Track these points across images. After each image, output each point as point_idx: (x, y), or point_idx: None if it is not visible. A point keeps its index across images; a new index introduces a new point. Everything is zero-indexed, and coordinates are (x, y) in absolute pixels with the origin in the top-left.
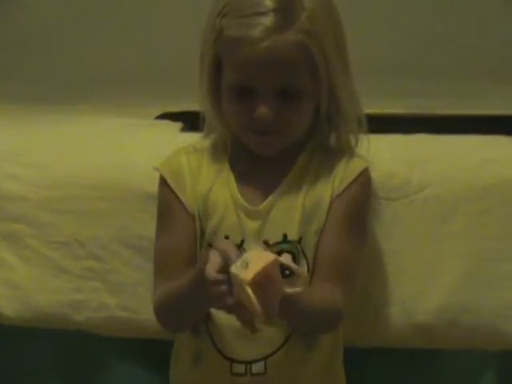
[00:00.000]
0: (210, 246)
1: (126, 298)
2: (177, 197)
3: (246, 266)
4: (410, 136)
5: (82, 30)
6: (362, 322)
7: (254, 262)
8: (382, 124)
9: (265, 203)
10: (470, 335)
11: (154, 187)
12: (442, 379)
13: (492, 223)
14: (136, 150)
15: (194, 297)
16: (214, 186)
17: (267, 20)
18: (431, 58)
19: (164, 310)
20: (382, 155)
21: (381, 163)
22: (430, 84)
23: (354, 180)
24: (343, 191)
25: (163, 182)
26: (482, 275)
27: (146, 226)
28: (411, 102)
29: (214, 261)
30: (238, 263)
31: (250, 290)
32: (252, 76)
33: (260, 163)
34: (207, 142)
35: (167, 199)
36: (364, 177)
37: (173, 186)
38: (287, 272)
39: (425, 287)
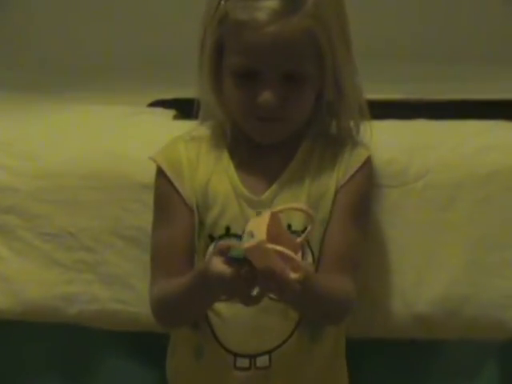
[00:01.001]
0: (211, 237)
1: (119, 290)
2: (175, 189)
3: (251, 235)
4: (408, 122)
5: (74, 18)
6: (360, 312)
7: (256, 227)
8: (380, 110)
9: (267, 192)
10: (471, 325)
11: (147, 176)
12: (442, 370)
13: (493, 211)
14: (128, 138)
15: (196, 296)
16: (213, 176)
17: (274, 3)
18: (430, 42)
19: (162, 308)
20: (381, 142)
21: (379, 150)
22: (429, 68)
23: (359, 169)
24: (348, 181)
25: (160, 172)
26: (484, 264)
27: (139, 216)
28: (410, 87)
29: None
30: (244, 239)
31: (274, 246)
32: (257, 60)
33: (261, 151)
34: (204, 129)
35: (165, 191)
36: (367, 165)
37: (171, 177)
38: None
39: (425, 276)
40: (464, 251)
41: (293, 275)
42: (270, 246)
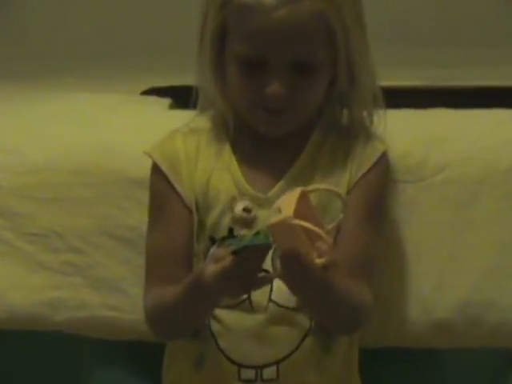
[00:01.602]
0: (212, 239)
1: (110, 295)
2: (172, 187)
3: (278, 210)
4: (425, 111)
5: (62, 1)
6: (374, 319)
7: (285, 204)
8: (395, 98)
9: (274, 189)
10: (494, 333)
11: (140, 171)
12: (461, 380)
13: None
14: (120, 129)
15: (193, 304)
16: (214, 172)
17: None
18: (449, 24)
19: (158, 317)
20: (395, 133)
21: (394, 142)
22: (449, 52)
23: (373, 165)
24: (361, 178)
25: (156, 169)
26: (508, 267)
27: (132, 214)
28: (427, 73)
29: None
30: (272, 210)
31: (302, 222)
32: (264, 48)
33: (266, 144)
34: (204, 121)
35: (161, 190)
36: (382, 161)
37: (168, 173)
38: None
39: (445, 280)
40: (487, 252)
41: (318, 260)
42: (297, 221)
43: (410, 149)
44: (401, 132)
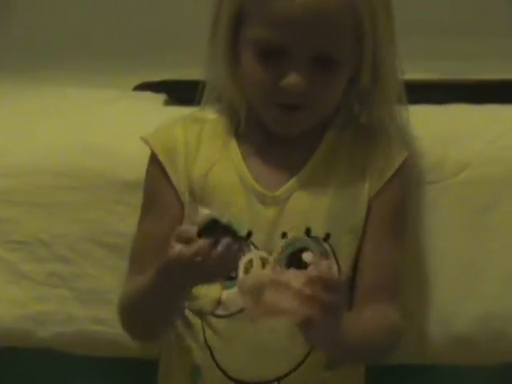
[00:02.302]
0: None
1: (100, 308)
2: (167, 177)
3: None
4: (442, 107)
5: None
6: None
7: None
8: (412, 92)
9: (284, 188)
10: None
11: (132, 174)
12: None
13: None
14: (111, 128)
15: (160, 292)
16: (217, 164)
17: None
18: (467, 11)
19: (126, 310)
20: (412, 130)
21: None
22: (468, 42)
23: (396, 173)
24: (383, 188)
25: (153, 157)
26: None
27: (124, 220)
28: (443, 65)
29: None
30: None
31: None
32: (286, 35)
33: (276, 141)
34: (209, 112)
35: (155, 179)
36: (406, 168)
37: (164, 162)
38: None
39: (464, 290)
40: (510, 259)
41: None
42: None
43: (427, 148)
44: (417, 129)
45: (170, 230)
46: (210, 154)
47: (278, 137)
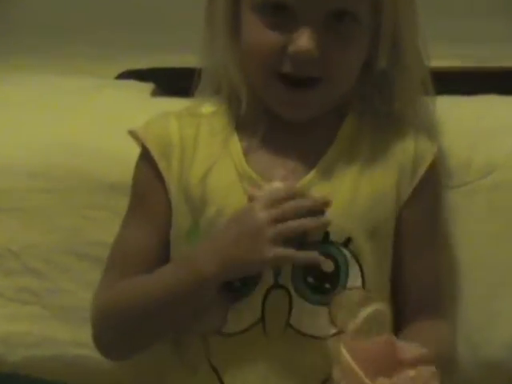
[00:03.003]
0: None
1: (79, 328)
2: (159, 175)
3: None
4: (471, 98)
5: None
6: None
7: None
8: (434, 81)
9: (299, 184)
10: None
11: (115, 175)
12: None
13: None
14: (91, 121)
15: (179, 297)
16: (217, 164)
17: None
18: None
19: (108, 318)
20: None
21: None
22: (500, 24)
23: (429, 169)
24: (416, 189)
25: (144, 152)
26: None
27: (105, 228)
28: (472, 50)
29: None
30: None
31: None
32: None
33: (284, 131)
34: (206, 106)
35: (144, 177)
36: (436, 163)
37: (156, 158)
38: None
39: (493, 309)
40: None
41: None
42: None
43: (451, 146)
44: (442, 124)
45: (156, 236)
46: (209, 154)
47: (285, 126)
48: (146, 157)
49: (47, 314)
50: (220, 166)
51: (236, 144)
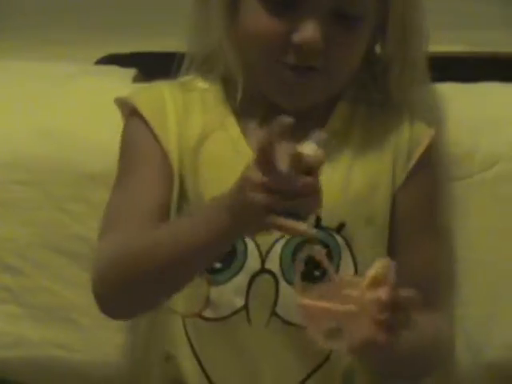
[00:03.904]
0: None
1: (57, 329)
2: (155, 138)
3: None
4: (474, 85)
5: None
6: None
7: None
8: (436, 67)
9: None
10: None
11: (96, 165)
12: None
13: None
14: (69, 109)
15: (212, 237)
16: (210, 138)
17: None
18: None
19: (123, 268)
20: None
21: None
22: (505, 9)
23: (425, 152)
24: (412, 172)
25: (135, 117)
26: None
27: (84, 221)
28: (474, 36)
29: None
30: None
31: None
32: None
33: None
34: (198, 82)
35: (139, 137)
36: (434, 147)
37: (152, 123)
38: (316, 272)
39: (495, 309)
40: None
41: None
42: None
43: (454, 136)
44: (441, 113)
45: (154, 197)
46: (202, 125)
47: (281, 111)
48: (137, 122)
49: (23, 313)
50: (215, 141)
51: (234, 124)
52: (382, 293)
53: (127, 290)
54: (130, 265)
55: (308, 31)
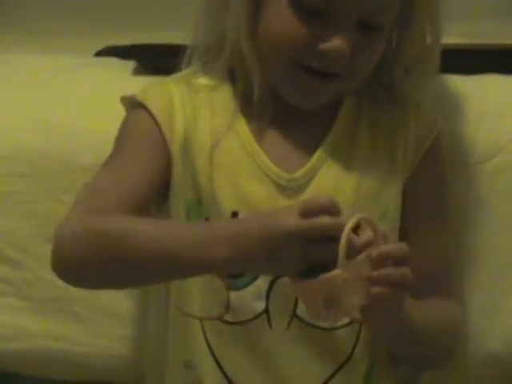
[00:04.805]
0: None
1: (57, 321)
2: (162, 133)
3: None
4: (473, 77)
5: None
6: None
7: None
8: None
9: (304, 170)
10: None
11: (93, 157)
12: None
13: None
14: (69, 102)
15: (195, 254)
16: (223, 141)
17: None
18: None
19: (94, 244)
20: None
21: None
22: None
23: (434, 142)
24: (421, 162)
25: (141, 109)
26: None
27: None
28: (474, 27)
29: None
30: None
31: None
32: None
33: (292, 114)
34: (202, 78)
35: (141, 122)
36: (439, 140)
37: (159, 118)
38: None
39: (501, 301)
40: None
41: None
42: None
43: (455, 127)
44: (443, 105)
45: (142, 183)
46: (210, 130)
47: (293, 110)
48: (143, 112)
49: (23, 306)
50: (226, 144)
51: (243, 125)
52: (370, 251)
53: (87, 262)
54: (100, 243)
55: (336, 41)
